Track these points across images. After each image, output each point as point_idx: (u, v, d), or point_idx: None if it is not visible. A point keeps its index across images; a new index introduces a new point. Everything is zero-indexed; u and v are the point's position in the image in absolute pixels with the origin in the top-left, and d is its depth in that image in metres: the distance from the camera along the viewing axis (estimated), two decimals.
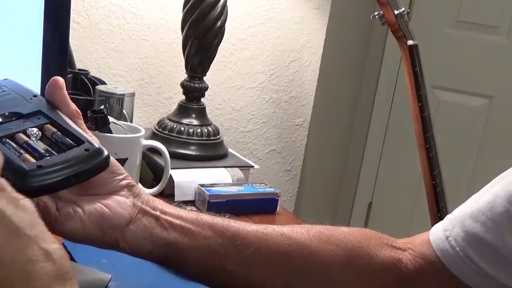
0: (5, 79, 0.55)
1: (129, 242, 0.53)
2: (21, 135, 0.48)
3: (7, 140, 0.47)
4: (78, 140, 0.49)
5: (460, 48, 1.95)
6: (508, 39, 1.90)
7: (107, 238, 0.52)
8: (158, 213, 0.55)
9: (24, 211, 0.39)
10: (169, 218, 0.56)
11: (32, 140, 0.48)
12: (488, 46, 1.92)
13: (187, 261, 0.56)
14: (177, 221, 0.56)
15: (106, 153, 0.49)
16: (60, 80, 0.51)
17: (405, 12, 1.22)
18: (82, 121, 0.52)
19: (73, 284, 0.38)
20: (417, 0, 1.94)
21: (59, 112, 0.51)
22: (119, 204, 0.53)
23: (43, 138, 0.49)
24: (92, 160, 0.48)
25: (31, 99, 0.52)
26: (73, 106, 0.52)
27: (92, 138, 0.50)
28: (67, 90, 0.52)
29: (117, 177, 0.54)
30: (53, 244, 0.39)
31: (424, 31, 1.76)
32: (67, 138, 0.49)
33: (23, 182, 0.44)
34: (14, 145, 0.47)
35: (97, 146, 0.48)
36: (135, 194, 0.55)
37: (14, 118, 0.49)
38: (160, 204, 0.57)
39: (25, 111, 0.50)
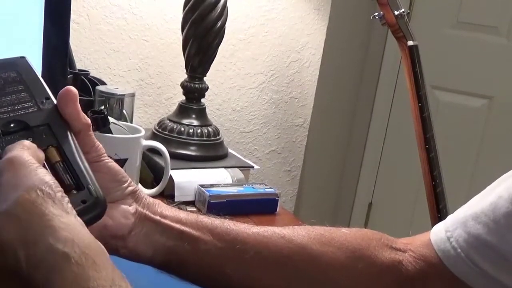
0: (21, 57, 0.51)
1: (130, 249, 0.53)
2: None
3: None
4: (79, 183, 0.45)
5: (460, 49, 1.95)
6: (508, 39, 1.90)
7: (107, 247, 0.52)
8: (158, 217, 0.55)
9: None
10: (169, 222, 0.55)
11: None
12: (488, 47, 1.92)
13: (187, 266, 0.56)
14: (176, 225, 0.55)
15: (103, 203, 0.45)
16: (73, 92, 0.48)
17: (405, 13, 1.22)
18: (91, 133, 0.51)
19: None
20: (417, 0, 1.94)
21: (68, 132, 0.48)
22: (122, 213, 0.53)
23: (44, 162, 0.45)
24: (87, 214, 0.44)
25: (42, 102, 0.48)
26: (84, 119, 0.50)
27: (94, 179, 0.46)
28: None
29: (122, 186, 0.53)
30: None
31: (424, 32, 1.76)
32: (68, 176, 0.45)
33: None
34: None
35: (95, 195, 0.45)
36: (137, 199, 0.55)
37: (19, 129, 0.46)
38: (160, 207, 0.56)
39: (32, 122, 0.47)
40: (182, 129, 1.22)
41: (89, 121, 0.50)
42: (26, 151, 0.43)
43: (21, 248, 0.37)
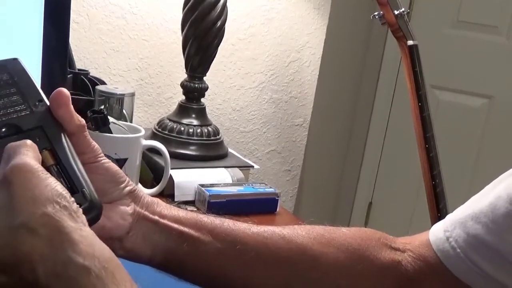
0: (14, 59, 0.50)
1: (128, 249, 0.53)
2: None
3: None
4: (73, 187, 0.45)
5: (460, 48, 1.95)
6: (508, 39, 1.90)
7: None
8: (156, 217, 0.55)
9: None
10: (168, 223, 0.55)
11: None
12: (488, 46, 1.92)
13: (187, 267, 0.55)
14: (175, 225, 0.55)
15: (98, 206, 0.45)
16: (65, 95, 0.48)
17: (405, 12, 1.22)
18: (87, 133, 0.50)
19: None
20: (417, 0, 1.94)
21: (62, 134, 0.47)
22: (120, 214, 0.52)
23: None
24: None
25: (35, 104, 0.47)
26: (77, 121, 0.49)
27: (89, 182, 0.46)
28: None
29: (120, 186, 0.53)
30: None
31: (424, 31, 1.76)
32: (62, 179, 0.45)
33: None
34: None
35: (89, 198, 0.45)
36: (136, 199, 0.54)
37: (12, 133, 0.46)
38: (159, 206, 0.56)
39: (25, 126, 0.46)
40: (182, 128, 1.22)
41: (83, 121, 0.50)
42: (30, 156, 0.42)
43: (41, 261, 0.37)
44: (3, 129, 0.46)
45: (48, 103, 0.48)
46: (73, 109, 0.49)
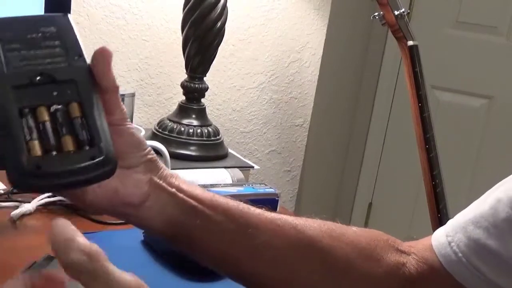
0: (64, 14, 0.52)
1: (141, 218, 0.53)
2: (43, 110, 0.45)
3: (28, 113, 0.44)
4: (93, 139, 0.46)
5: (460, 49, 1.95)
6: (507, 39, 1.90)
7: (118, 214, 0.53)
8: (174, 190, 0.54)
9: None
10: (184, 197, 0.54)
11: (49, 124, 0.45)
12: (488, 47, 1.92)
13: (196, 243, 0.55)
14: (191, 201, 0.55)
15: (112, 163, 0.46)
16: (108, 52, 0.49)
17: (405, 13, 1.22)
18: (117, 96, 0.51)
19: None
20: (417, 0, 1.94)
21: (93, 90, 0.48)
22: (135, 182, 0.52)
23: (63, 116, 0.46)
24: (95, 171, 0.45)
25: (74, 59, 0.49)
26: (112, 80, 0.50)
27: (110, 139, 0.46)
28: None
29: (140, 153, 0.53)
30: None
31: (424, 32, 1.76)
32: (84, 132, 0.46)
33: (18, 179, 0.43)
34: (31, 122, 0.44)
35: (105, 153, 0.45)
36: (154, 169, 0.54)
37: (45, 82, 0.47)
38: (177, 180, 0.55)
39: (59, 76, 0.47)
40: (182, 129, 1.22)
41: (117, 84, 0.50)
42: None
43: None
44: (38, 77, 0.47)
45: (87, 60, 0.50)
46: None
